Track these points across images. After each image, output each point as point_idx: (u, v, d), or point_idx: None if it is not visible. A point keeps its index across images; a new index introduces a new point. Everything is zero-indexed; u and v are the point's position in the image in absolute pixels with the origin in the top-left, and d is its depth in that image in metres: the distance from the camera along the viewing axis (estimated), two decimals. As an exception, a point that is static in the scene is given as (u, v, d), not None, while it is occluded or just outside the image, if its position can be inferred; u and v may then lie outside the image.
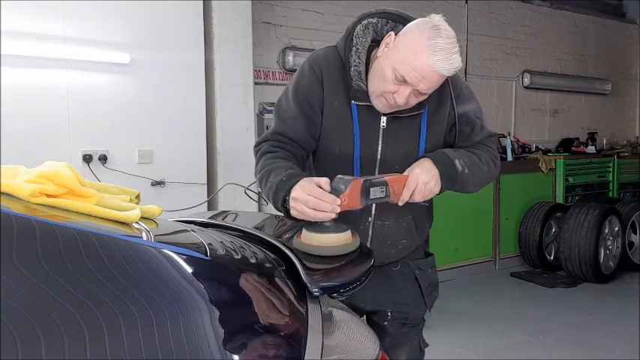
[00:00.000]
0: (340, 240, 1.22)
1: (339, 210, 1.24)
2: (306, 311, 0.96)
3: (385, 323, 1.61)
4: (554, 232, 5.22)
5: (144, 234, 0.93)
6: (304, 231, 1.24)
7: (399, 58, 1.32)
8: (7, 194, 0.91)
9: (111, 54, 3.21)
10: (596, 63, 6.93)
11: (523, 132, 6.19)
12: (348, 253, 1.22)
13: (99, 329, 0.66)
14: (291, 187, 1.29)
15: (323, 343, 0.92)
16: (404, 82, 1.33)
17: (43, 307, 0.64)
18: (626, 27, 7.30)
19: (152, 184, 3.36)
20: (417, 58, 1.29)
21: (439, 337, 3.57)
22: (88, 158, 3.16)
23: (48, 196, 0.93)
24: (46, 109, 3.04)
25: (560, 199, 5.59)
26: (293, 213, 1.29)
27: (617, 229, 5.02)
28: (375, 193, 1.31)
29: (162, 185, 3.40)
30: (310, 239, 1.22)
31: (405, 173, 1.40)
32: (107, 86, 3.23)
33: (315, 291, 1.01)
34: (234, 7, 3.62)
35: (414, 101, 1.39)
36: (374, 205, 1.49)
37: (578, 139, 6.48)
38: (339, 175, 1.30)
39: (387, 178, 1.35)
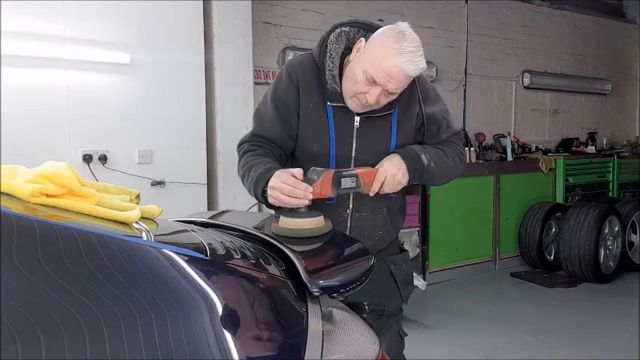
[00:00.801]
0: (313, 223, 1.35)
1: (311, 197, 1.38)
2: (306, 311, 0.96)
3: (364, 315, 1.66)
4: (554, 232, 5.22)
5: (144, 234, 0.93)
6: (282, 217, 1.37)
7: (369, 61, 1.45)
8: (7, 194, 0.91)
9: (111, 54, 3.21)
10: (596, 63, 6.93)
11: (523, 132, 6.19)
12: (322, 235, 1.35)
13: (99, 329, 0.66)
14: (269, 178, 1.43)
15: (323, 343, 0.91)
16: (374, 82, 1.45)
17: (43, 307, 0.64)
18: (626, 27, 7.30)
19: (152, 184, 3.36)
20: (385, 60, 1.42)
21: (439, 337, 3.57)
22: (88, 158, 3.16)
23: (48, 196, 0.93)
24: (46, 109, 3.04)
25: (560, 199, 5.59)
26: (270, 200, 1.44)
27: (617, 229, 5.02)
28: (346, 183, 1.46)
29: (163, 185, 3.40)
30: (287, 224, 1.34)
31: (376, 167, 1.54)
32: (107, 86, 3.23)
33: (315, 291, 1.01)
34: (234, 7, 3.62)
35: (384, 101, 1.51)
36: (351, 197, 1.62)
37: (578, 139, 6.48)
38: (313, 167, 1.45)
39: (357, 170, 1.50)
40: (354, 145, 1.59)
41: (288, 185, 1.38)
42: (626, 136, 7.34)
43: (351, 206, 1.64)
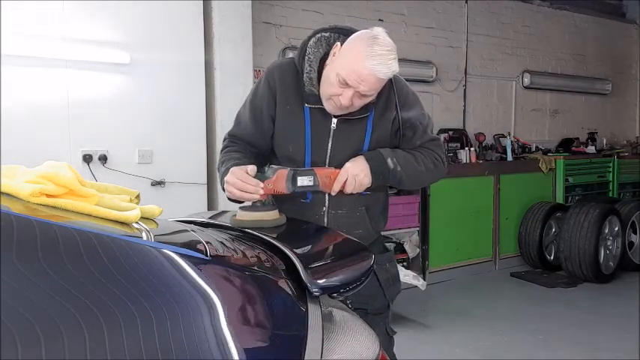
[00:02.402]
0: (266, 216, 1.45)
1: (261, 192, 1.47)
2: (306, 311, 0.96)
3: None
4: (554, 232, 5.22)
5: (144, 234, 0.93)
6: (239, 211, 1.47)
7: (341, 64, 1.50)
8: (7, 194, 0.91)
9: (111, 54, 3.21)
10: (596, 63, 6.93)
11: (523, 132, 6.18)
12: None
13: (99, 329, 0.66)
14: None
15: (323, 343, 0.91)
16: (346, 84, 1.49)
17: (43, 307, 0.64)
18: (626, 27, 7.30)
19: (152, 184, 3.36)
20: (356, 63, 1.47)
21: (439, 337, 3.57)
22: (88, 158, 3.16)
23: (48, 196, 0.93)
24: (46, 108, 3.05)
25: (560, 199, 5.59)
26: (226, 194, 1.55)
27: (617, 229, 5.02)
28: (303, 181, 1.53)
29: (162, 185, 3.41)
30: (240, 216, 1.45)
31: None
32: (107, 86, 3.23)
33: (315, 291, 1.01)
34: (234, 7, 3.62)
35: (358, 103, 1.55)
36: (327, 196, 1.66)
37: (578, 139, 6.48)
38: (272, 165, 1.56)
39: (316, 169, 1.57)
40: (330, 145, 1.64)
41: (239, 181, 1.47)
42: (626, 136, 7.33)
43: (326, 204, 1.67)
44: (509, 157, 5.40)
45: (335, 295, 1.10)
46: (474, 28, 5.69)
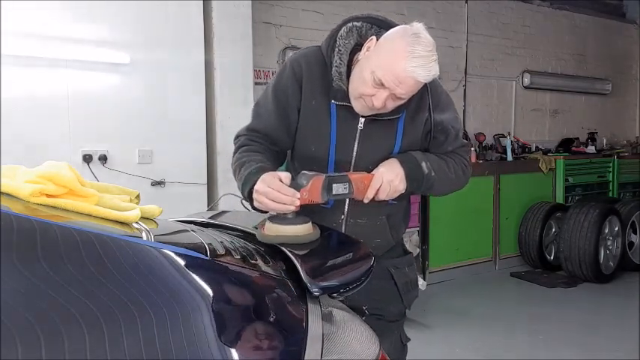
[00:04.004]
0: (299, 230, 1.25)
1: (298, 203, 1.28)
2: (306, 311, 0.96)
3: (363, 318, 1.61)
4: (554, 232, 5.22)
5: (144, 234, 0.93)
6: (267, 223, 1.27)
7: (378, 63, 1.35)
8: (7, 194, 0.91)
9: (111, 54, 3.21)
10: (596, 63, 6.93)
11: (523, 132, 6.18)
12: (309, 242, 1.26)
13: (99, 329, 0.66)
14: (257, 180, 1.34)
15: (323, 343, 0.92)
16: (382, 85, 1.35)
17: (43, 307, 0.64)
18: (626, 27, 7.30)
19: (152, 184, 3.36)
20: (395, 64, 1.33)
21: (439, 337, 3.57)
22: (88, 158, 3.16)
23: (48, 196, 0.93)
24: (46, 108, 3.04)
25: (560, 199, 5.59)
26: (255, 204, 1.36)
27: (617, 229, 5.02)
28: (338, 189, 1.37)
29: (162, 185, 3.40)
30: (271, 230, 1.25)
31: (372, 172, 1.45)
32: (107, 86, 3.23)
33: (315, 291, 1.01)
34: (234, 7, 3.62)
35: (391, 105, 1.42)
36: (347, 202, 1.53)
37: (578, 139, 6.48)
38: (304, 171, 1.36)
39: (351, 175, 1.41)
40: (356, 147, 1.50)
41: (273, 190, 1.28)
42: (626, 136, 7.33)
43: (345, 211, 1.54)
44: (509, 157, 5.40)
45: (335, 295, 1.10)
46: (474, 28, 5.69)
